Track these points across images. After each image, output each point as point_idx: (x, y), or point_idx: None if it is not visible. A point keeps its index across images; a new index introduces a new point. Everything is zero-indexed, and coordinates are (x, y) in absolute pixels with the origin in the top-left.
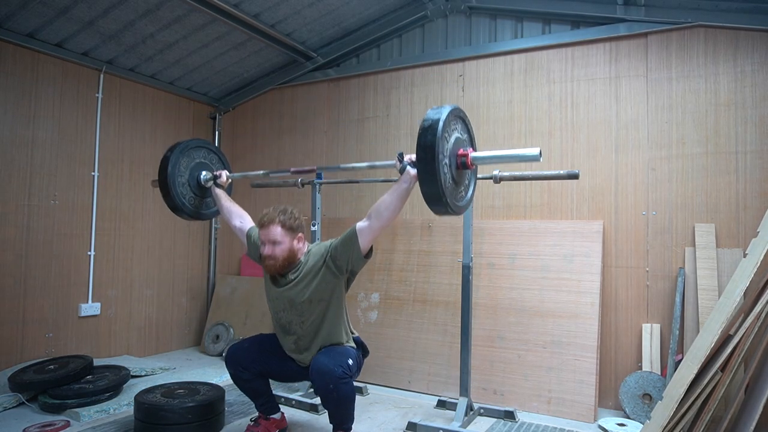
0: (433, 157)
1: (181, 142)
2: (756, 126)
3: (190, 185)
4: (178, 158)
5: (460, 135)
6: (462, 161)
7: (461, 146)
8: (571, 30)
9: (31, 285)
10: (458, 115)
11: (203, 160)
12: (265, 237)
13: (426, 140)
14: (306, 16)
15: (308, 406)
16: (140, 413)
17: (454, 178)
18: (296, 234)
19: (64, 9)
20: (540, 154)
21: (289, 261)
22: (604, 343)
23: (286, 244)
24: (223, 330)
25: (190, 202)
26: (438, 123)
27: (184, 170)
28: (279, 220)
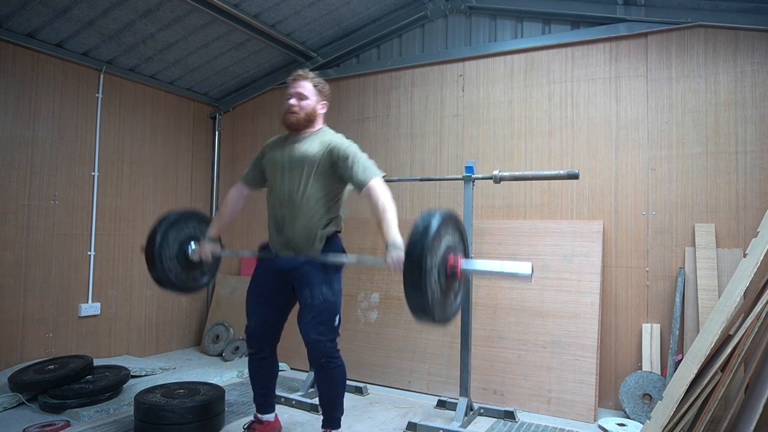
0: (420, 273)
1: (171, 214)
2: (756, 126)
3: (178, 259)
4: (166, 230)
5: (452, 241)
6: (452, 271)
7: (452, 253)
8: (571, 30)
9: (31, 285)
10: (451, 220)
11: (193, 231)
12: (294, 90)
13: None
14: (306, 16)
15: (308, 406)
16: (140, 413)
17: (442, 288)
18: (322, 100)
19: (64, 9)
20: (532, 272)
21: (308, 119)
22: (604, 343)
23: (312, 103)
24: (223, 330)
25: (177, 276)
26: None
27: (172, 243)
28: (311, 78)
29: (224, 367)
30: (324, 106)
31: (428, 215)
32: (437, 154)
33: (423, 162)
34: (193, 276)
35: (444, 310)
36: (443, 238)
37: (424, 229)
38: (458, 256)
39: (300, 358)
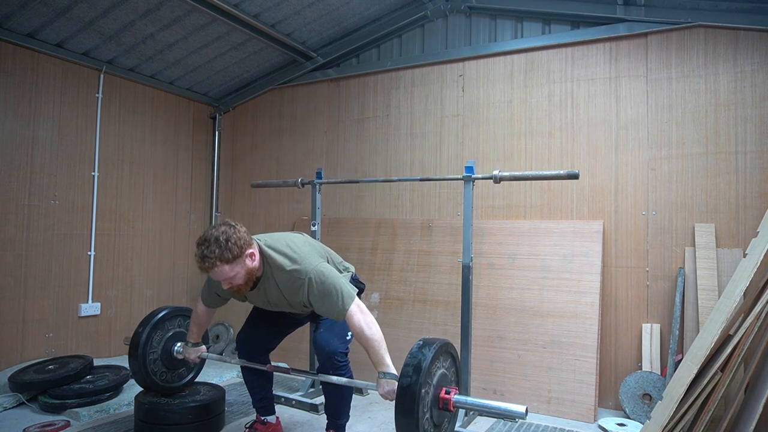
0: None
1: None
2: (756, 126)
3: (162, 360)
4: (150, 334)
5: (445, 372)
6: (444, 404)
7: (445, 384)
8: (571, 30)
9: (31, 285)
10: (446, 350)
11: (179, 329)
12: (217, 278)
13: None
14: (306, 16)
15: (308, 406)
16: (140, 413)
17: (434, 420)
18: (243, 256)
19: (64, 9)
20: (526, 413)
21: (252, 279)
22: (604, 343)
23: (241, 272)
24: (223, 330)
25: (161, 377)
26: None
27: (156, 345)
28: (218, 259)
29: (224, 367)
30: (250, 256)
31: (422, 347)
32: (437, 154)
33: (423, 162)
34: (179, 373)
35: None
36: (437, 371)
37: (417, 362)
38: (451, 389)
39: (300, 358)
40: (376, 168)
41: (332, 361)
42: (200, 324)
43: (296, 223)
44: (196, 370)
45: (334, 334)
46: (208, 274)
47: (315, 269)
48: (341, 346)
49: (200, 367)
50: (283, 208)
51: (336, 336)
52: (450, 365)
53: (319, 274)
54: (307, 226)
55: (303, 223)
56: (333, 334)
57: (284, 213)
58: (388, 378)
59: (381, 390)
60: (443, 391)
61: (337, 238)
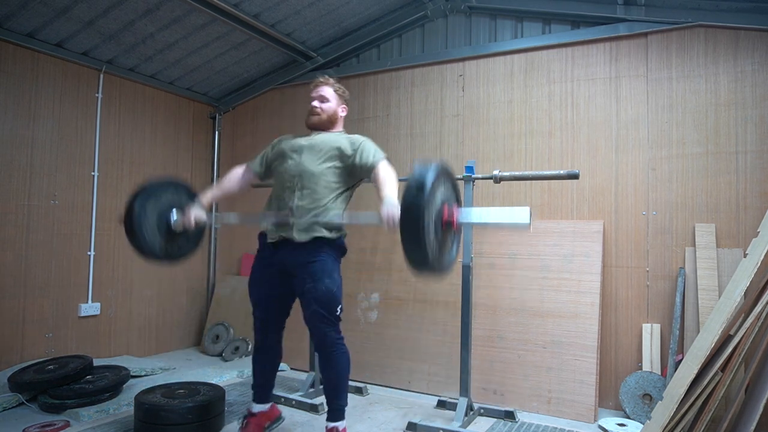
0: (417, 227)
1: (146, 186)
2: (756, 126)
3: (159, 230)
4: (143, 203)
5: (446, 193)
6: (448, 224)
7: (447, 204)
8: (571, 30)
9: (31, 285)
10: (444, 172)
11: (173, 196)
12: (316, 93)
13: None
14: (306, 16)
15: (308, 406)
16: (140, 413)
17: (439, 240)
18: (342, 99)
19: (64, 9)
20: (530, 218)
21: (329, 121)
22: (604, 343)
23: (333, 105)
24: (223, 330)
25: (160, 248)
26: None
27: (150, 214)
28: (332, 83)
29: (224, 367)
30: (344, 110)
31: (421, 169)
32: (437, 154)
33: None
34: (178, 245)
35: (441, 262)
36: (438, 191)
37: (419, 183)
38: (453, 207)
39: (300, 358)
40: None
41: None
42: (223, 187)
43: None
44: (194, 240)
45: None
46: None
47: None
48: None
49: (199, 238)
50: None
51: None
52: (449, 186)
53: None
54: None
55: None
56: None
57: None
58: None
59: (383, 213)
60: (446, 211)
61: None
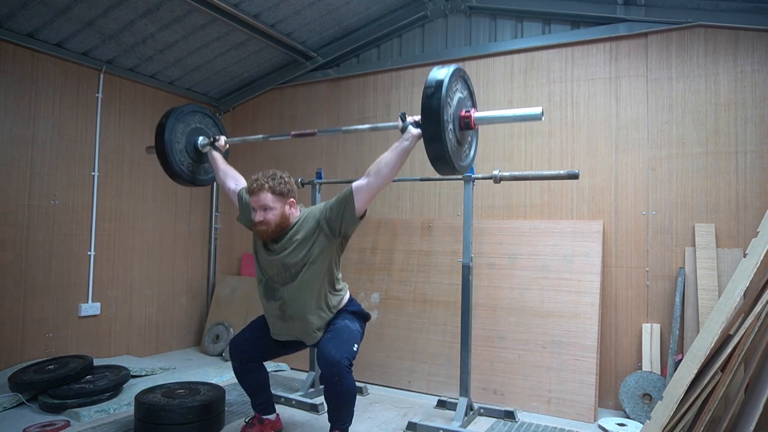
0: (438, 121)
1: (176, 108)
2: (756, 126)
3: (188, 151)
4: (174, 125)
5: (462, 95)
6: (465, 122)
7: (463, 106)
8: (571, 30)
9: (31, 285)
10: (460, 75)
11: (199, 125)
12: (256, 203)
13: (431, 104)
14: (306, 16)
15: (308, 406)
16: (140, 413)
17: (458, 139)
18: (287, 198)
19: (64, 9)
20: (542, 113)
21: (281, 227)
22: (604, 343)
23: (278, 210)
24: (223, 330)
25: (188, 168)
26: (442, 86)
27: (180, 136)
28: (268, 186)
29: (224, 367)
30: (292, 204)
31: (438, 72)
32: None
33: (423, 162)
34: (203, 168)
35: (460, 160)
36: (455, 92)
37: (437, 84)
38: (470, 108)
39: (300, 358)
40: None
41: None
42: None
43: None
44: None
45: (340, 342)
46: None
47: None
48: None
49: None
50: None
51: (342, 344)
52: (464, 89)
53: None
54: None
55: None
56: (339, 342)
57: None
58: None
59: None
60: (463, 111)
61: None
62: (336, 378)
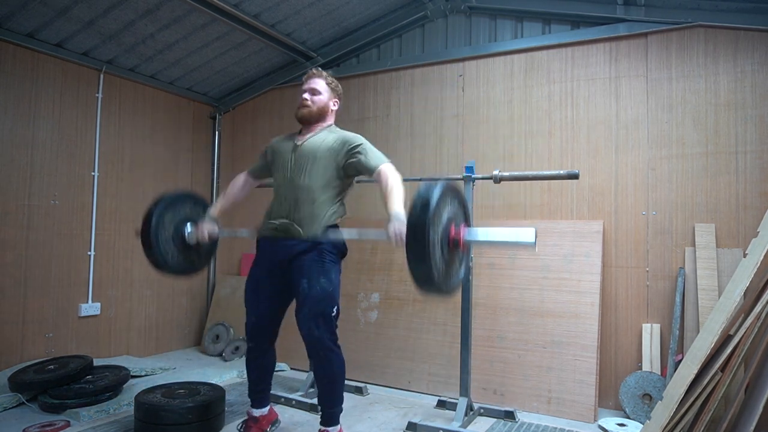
0: (423, 245)
1: (166, 195)
2: (756, 126)
3: (174, 241)
4: (162, 213)
5: (453, 212)
6: (454, 242)
7: (454, 223)
8: (571, 30)
9: (31, 285)
10: (452, 190)
11: (190, 213)
12: (307, 86)
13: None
14: (306, 16)
15: (308, 406)
16: (140, 413)
17: (446, 259)
18: (334, 97)
19: (64, 9)
20: (535, 238)
21: (320, 114)
22: (604, 343)
23: (325, 98)
24: (223, 330)
25: (173, 259)
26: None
27: (168, 225)
28: (325, 76)
29: (224, 367)
30: (336, 104)
31: (428, 188)
32: (437, 154)
33: (423, 162)
34: (190, 258)
35: (448, 282)
36: (444, 210)
37: (425, 201)
38: (460, 226)
39: (300, 358)
40: None
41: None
42: (230, 196)
43: None
44: (207, 255)
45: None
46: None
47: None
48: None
49: (212, 252)
50: None
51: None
52: (456, 205)
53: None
54: None
55: None
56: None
57: None
58: (398, 219)
59: (390, 230)
60: (452, 230)
61: None
62: (322, 352)
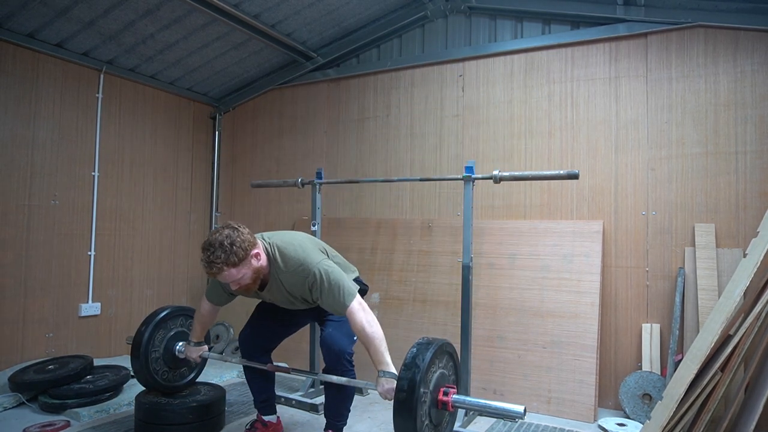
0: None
1: (158, 313)
2: (756, 126)
3: (164, 359)
4: (152, 333)
5: (444, 372)
6: (443, 405)
7: (444, 384)
8: (571, 30)
9: (31, 285)
10: (445, 350)
11: (180, 328)
12: (225, 281)
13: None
14: (306, 16)
15: (308, 406)
16: (141, 413)
17: (432, 419)
18: (248, 257)
19: (65, 9)
20: (524, 413)
21: (259, 278)
22: (604, 343)
23: (248, 272)
24: (223, 330)
25: (163, 377)
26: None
27: (158, 344)
28: (224, 263)
29: (224, 367)
30: (256, 256)
31: (420, 347)
32: (437, 154)
33: (423, 162)
34: (180, 373)
35: None
36: (435, 371)
37: (415, 363)
38: (450, 389)
39: (300, 358)
40: (376, 168)
41: (341, 360)
42: (204, 323)
43: (296, 223)
44: (197, 369)
45: (342, 333)
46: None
47: (319, 265)
48: (349, 346)
49: (202, 367)
50: (283, 208)
51: (345, 335)
52: (449, 365)
53: (324, 270)
54: (307, 226)
55: (303, 223)
56: (341, 333)
57: (284, 213)
58: (388, 377)
59: (380, 389)
60: (441, 392)
61: (337, 238)
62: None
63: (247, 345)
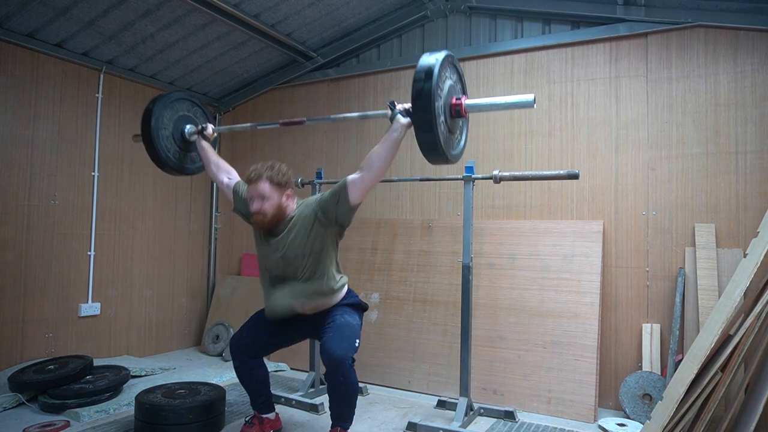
0: (429, 108)
1: (164, 95)
2: (756, 126)
3: (174, 138)
4: (161, 111)
5: (452, 82)
6: (456, 110)
7: (454, 93)
8: (571, 30)
9: (31, 285)
10: (451, 62)
11: (187, 113)
12: (254, 192)
13: (422, 91)
14: (306, 16)
15: (308, 406)
16: (141, 413)
17: (448, 126)
18: (285, 190)
19: (64, 9)
20: (534, 100)
21: (277, 217)
22: (604, 343)
23: (275, 200)
24: (223, 330)
25: (175, 156)
26: (432, 74)
27: (167, 123)
28: (267, 175)
29: (224, 367)
30: (289, 195)
31: (428, 59)
32: None
33: (423, 162)
34: (190, 157)
35: (452, 148)
36: (445, 81)
37: (427, 72)
38: (461, 96)
39: (300, 358)
40: None
41: (343, 366)
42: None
43: None
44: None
45: (342, 339)
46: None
47: None
48: (350, 351)
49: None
50: None
51: (345, 341)
52: (456, 78)
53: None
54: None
55: None
56: (342, 339)
57: None
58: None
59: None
60: (454, 99)
61: None
62: (341, 377)
63: (239, 351)
